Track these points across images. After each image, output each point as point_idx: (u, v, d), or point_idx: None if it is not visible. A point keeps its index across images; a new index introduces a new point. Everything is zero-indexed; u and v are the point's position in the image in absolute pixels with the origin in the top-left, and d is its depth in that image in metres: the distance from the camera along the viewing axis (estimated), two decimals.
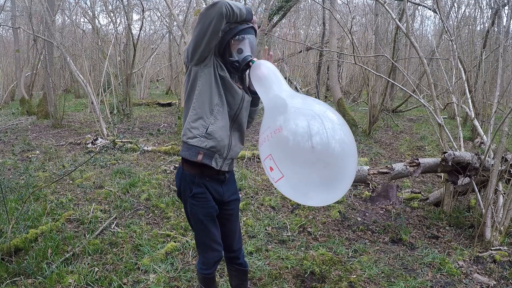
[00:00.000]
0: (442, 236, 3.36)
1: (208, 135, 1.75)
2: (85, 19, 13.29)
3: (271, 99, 1.72)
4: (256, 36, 1.86)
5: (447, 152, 3.34)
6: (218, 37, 1.68)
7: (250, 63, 1.76)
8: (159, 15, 15.19)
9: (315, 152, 1.55)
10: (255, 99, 1.98)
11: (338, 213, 3.80)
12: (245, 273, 2.18)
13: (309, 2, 14.69)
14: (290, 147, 1.58)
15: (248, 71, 1.81)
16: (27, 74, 13.49)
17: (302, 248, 3.11)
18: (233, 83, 1.81)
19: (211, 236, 1.91)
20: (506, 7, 8.22)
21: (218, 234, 1.94)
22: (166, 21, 14.68)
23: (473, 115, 4.11)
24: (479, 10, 10.14)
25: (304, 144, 1.55)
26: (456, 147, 3.77)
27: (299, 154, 1.58)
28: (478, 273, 2.75)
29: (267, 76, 1.72)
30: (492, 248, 3.01)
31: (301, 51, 13.12)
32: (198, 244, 1.97)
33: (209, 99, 1.75)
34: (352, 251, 3.08)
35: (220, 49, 1.78)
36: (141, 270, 2.74)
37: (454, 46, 4.28)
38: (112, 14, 10.98)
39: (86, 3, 18.22)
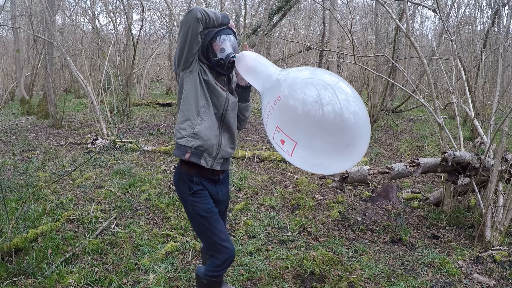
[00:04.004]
0: (442, 236, 3.36)
1: (195, 135, 1.88)
2: (85, 19, 13.30)
3: (262, 83, 1.78)
4: (236, 37, 2.00)
5: (447, 152, 3.33)
6: (198, 41, 1.81)
7: (233, 59, 1.87)
8: (159, 15, 15.20)
9: (328, 120, 1.50)
10: (245, 94, 2.07)
11: (338, 213, 3.80)
12: None
13: (309, 2, 14.69)
14: (298, 114, 1.55)
15: (234, 68, 1.93)
16: (27, 74, 13.49)
17: (302, 248, 3.11)
18: (217, 86, 1.92)
19: (218, 233, 1.93)
20: (506, 7, 8.22)
21: (224, 231, 1.97)
22: (166, 21, 14.69)
23: (473, 115, 4.11)
24: (479, 10, 10.16)
25: (315, 113, 1.52)
26: (456, 147, 3.77)
27: (309, 121, 1.54)
28: (478, 273, 2.75)
29: (252, 65, 1.81)
30: (492, 248, 3.01)
31: (301, 51, 13.13)
32: (209, 246, 1.97)
33: (195, 102, 1.89)
34: (352, 251, 3.08)
35: (204, 52, 1.92)
36: (141, 270, 2.74)
37: (454, 46, 4.28)
38: (112, 14, 10.97)
39: (86, 3, 18.22)
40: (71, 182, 4.60)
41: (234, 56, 1.88)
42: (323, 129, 1.53)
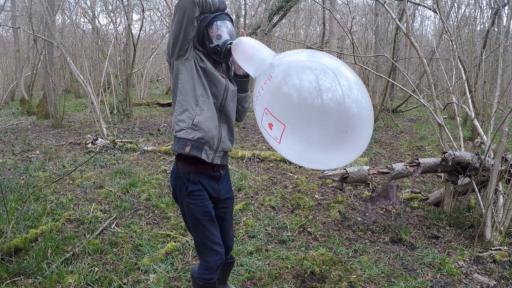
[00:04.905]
0: (442, 236, 3.36)
1: (195, 126, 1.76)
2: (85, 19, 13.30)
3: (256, 68, 1.70)
4: (232, 23, 1.90)
5: (447, 152, 3.33)
6: (194, 27, 1.72)
7: (230, 46, 1.79)
8: (159, 15, 15.20)
9: (326, 110, 1.34)
10: (243, 84, 1.99)
11: (338, 213, 3.80)
12: (231, 264, 2.24)
13: (309, 2, 14.69)
14: (292, 100, 1.40)
15: (231, 56, 1.85)
16: (27, 74, 13.50)
17: (302, 248, 3.11)
18: (216, 72, 1.83)
19: (211, 237, 1.87)
20: (506, 7, 8.22)
21: (218, 235, 1.91)
22: (166, 21, 14.68)
23: (473, 115, 4.11)
24: (479, 10, 10.16)
25: (312, 100, 1.37)
26: (456, 147, 3.77)
27: (302, 106, 1.38)
28: (478, 273, 2.75)
29: (250, 52, 1.73)
30: (492, 248, 3.01)
31: None
32: (198, 248, 1.93)
33: (192, 91, 1.78)
34: (352, 251, 3.08)
35: (199, 39, 1.82)
36: (141, 270, 2.74)
37: (454, 46, 4.28)
38: (112, 14, 10.97)
39: (86, 3, 18.22)
40: (71, 182, 4.60)
41: (231, 43, 1.79)
42: (318, 115, 1.37)
